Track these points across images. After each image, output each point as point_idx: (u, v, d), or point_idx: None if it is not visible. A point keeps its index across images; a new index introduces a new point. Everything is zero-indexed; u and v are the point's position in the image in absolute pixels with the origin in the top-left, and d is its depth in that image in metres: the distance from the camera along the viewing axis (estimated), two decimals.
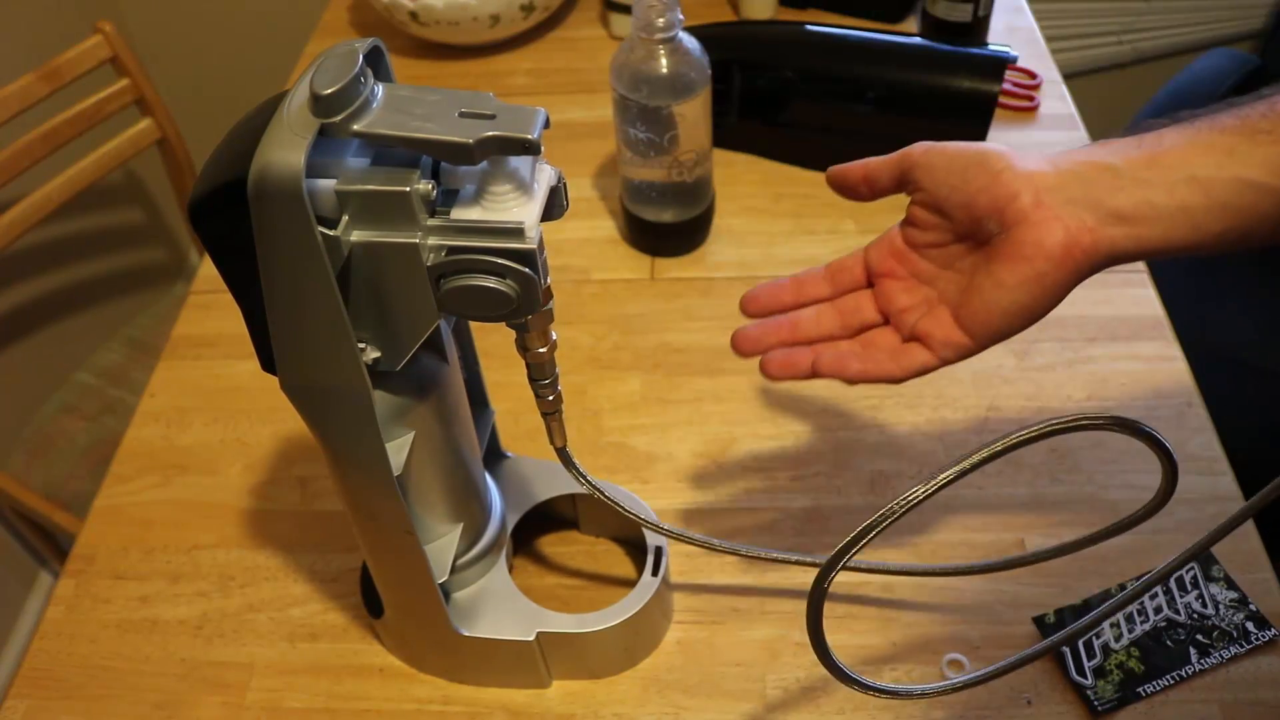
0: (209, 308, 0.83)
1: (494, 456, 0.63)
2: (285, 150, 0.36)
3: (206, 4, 1.73)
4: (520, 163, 0.40)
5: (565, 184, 0.42)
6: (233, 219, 0.38)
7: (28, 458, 1.24)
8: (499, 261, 0.39)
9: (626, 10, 1.01)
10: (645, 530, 0.59)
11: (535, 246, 0.39)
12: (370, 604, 0.58)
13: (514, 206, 0.39)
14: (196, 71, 1.80)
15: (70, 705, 0.60)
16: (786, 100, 0.88)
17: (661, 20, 0.70)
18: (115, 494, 0.70)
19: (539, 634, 0.55)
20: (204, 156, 0.42)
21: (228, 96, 1.81)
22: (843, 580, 0.62)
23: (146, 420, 0.75)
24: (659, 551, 0.58)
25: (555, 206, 0.42)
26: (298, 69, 1.08)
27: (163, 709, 0.59)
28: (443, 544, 0.54)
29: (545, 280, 0.41)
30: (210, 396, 0.76)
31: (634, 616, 0.55)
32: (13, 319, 1.49)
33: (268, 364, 0.44)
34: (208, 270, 0.86)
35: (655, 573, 0.57)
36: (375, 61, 0.40)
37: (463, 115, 0.38)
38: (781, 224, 0.85)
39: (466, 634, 0.55)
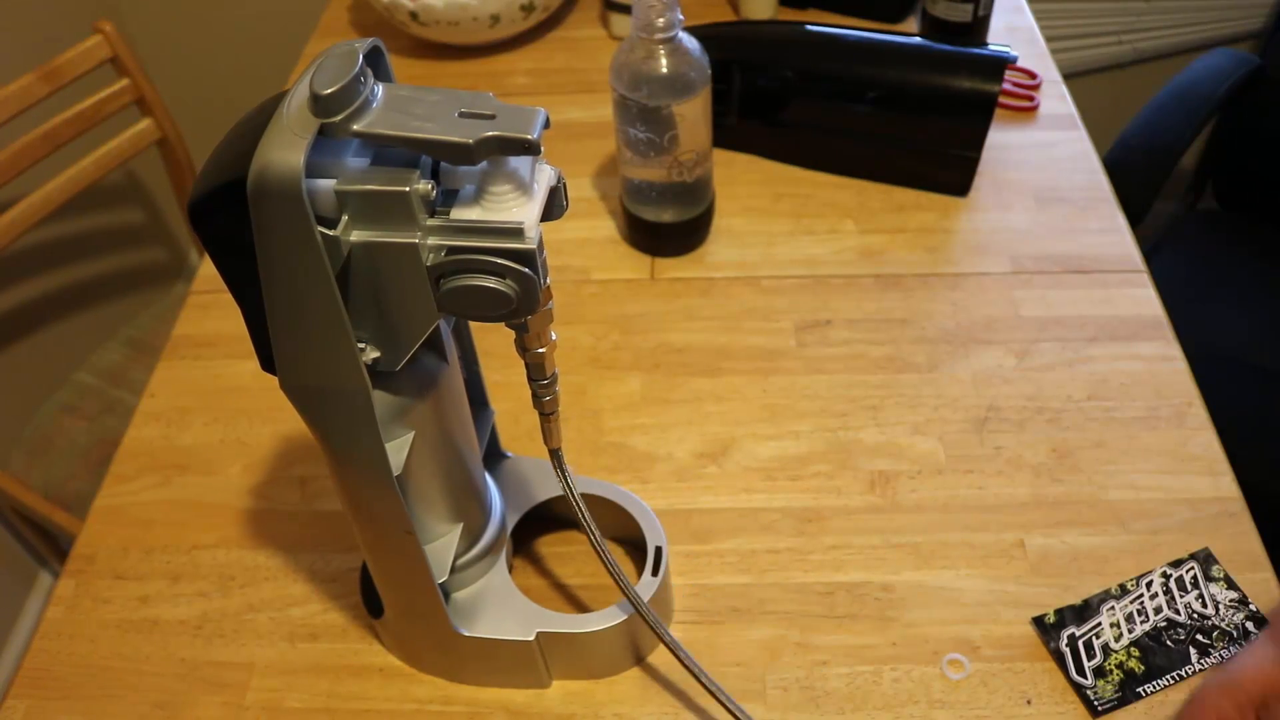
0: (209, 308, 0.83)
1: (494, 456, 0.63)
2: (285, 150, 0.36)
3: (206, 4, 1.73)
4: (520, 163, 0.40)
5: (565, 184, 0.42)
6: (232, 219, 0.38)
7: (28, 458, 1.24)
8: (499, 261, 0.39)
9: (626, 10, 1.01)
10: (645, 531, 0.59)
11: (535, 246, 0.39)
12: (370, 604, 0.58)
13: (514, 206, 0.39)
14: (196, 71, 1.80)
15: (70, 705, 0.60)
16: (786, 100, 0.88)
17: (661, 20, 0.70)
18: (115, 494, 0.70)
19: (539, 634, 0.55)
20: (204, 156, 0.42)
21: (228, 96, 1.82)
22: (843, 581, 0.62)
23: (146, 420, 0.75)
24: (659, 552, 0.58)
25: (555, 206, 0.42)
26: (298, 69, 1.08)
27: (163, 709, 0.59)
28: (443, 544, 0.54)
29: (545, 280, 0.41)
30: (210, 396, 0.76)
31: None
32: (13, 319, 1.49)
33: (267, 364, 0.44)
34: (208, 270, 0.86)
35: (655, 573, 0.57)
36: (375, 61, 0.40)
37: (463, 115, 0.38)
38: (781, 224, 0.86)
39: (466, 634, 0.55)
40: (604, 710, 0.57)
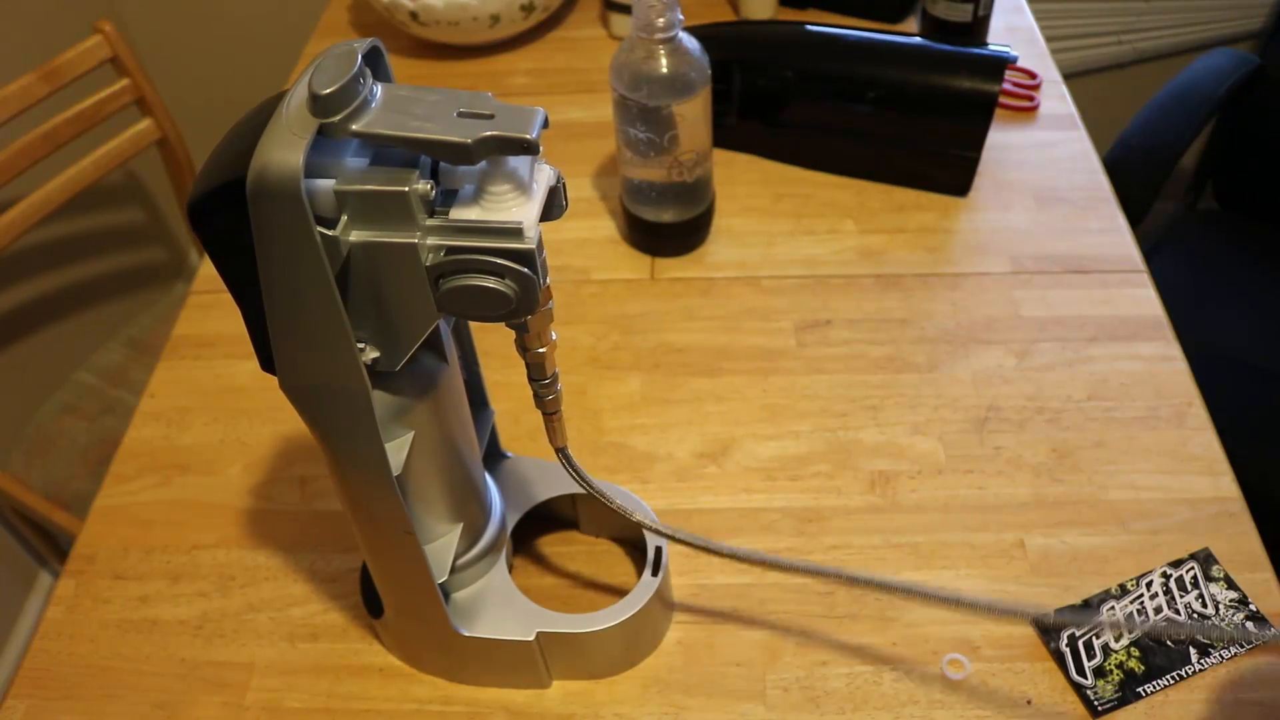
0: (209, 308, 0.83)
1: (494, 456, 0.63)
2: (284, 150, 0.36)
3: (206, 4, 1.73)
4: (519, 162, 0.40)
5: (564, 184, 0.42)
6: (232, 219, 0.38)
7: (28, 458, 1.24)
8: (497, 261, 0.39)
9: (626, 10, 1.01)
10: (645, 530, 0.59)
11: (534, 246, 0.39)
12: (370, 604, 0.58)
13: (513, 206, 0.39)
14: (196, 71, 1.80)
15: (70, 705, 0.60)
16: (786, 100, 0.88)
17: (661, 20, 0.70)
18: (115, 494, 0.70)
19: (539, 634, 0.55)
20: (204, 156, 0.42)
21: (228, 96, 1.82)
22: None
23: (146, 420, 0.75)
24: (659, 552, 0.58)
25: (555, 206, 0.42)
26: (297, 69, 1.08)
27: (163, 709, 0.59)
28: (442, 544, 0.54)
29: (544, 281, 0.41)
30: (210, 396, 0.76)
31: (634, 617, 0.55)
32: (13, 319, 1.49)
33: (267, 363, 0.44)
34: (208, 270, 0.86)
35: (655, 573, 0.57)
36: (375, 61, 0.40)
37: (461, 115, 0.38)
38: (781, 224, 0.86)
39: (466, 634, 0.55)
40: (604, 710, 0.57)
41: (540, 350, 0.46)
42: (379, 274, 0.40)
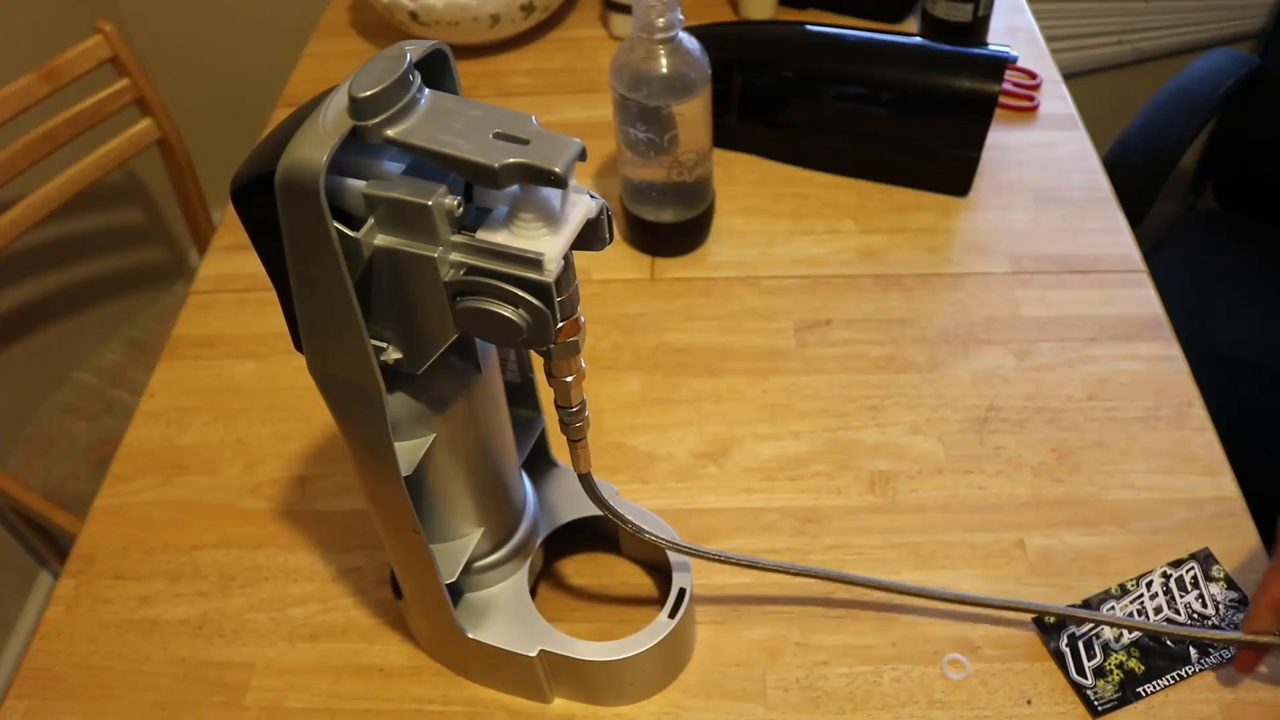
0: (209, 308, 0.83)
1: (541, 464, 0.61)
2: (311, 148, 0.36)
3: (206, 4, 1.73)
4: (552, 191, 0.39)
5: (610, 215, 0.41)
6: (265, 207, 0.38)
7: (28, 458, 1.24)
8: (513, 290, 0.38)
9: (626, 10, 1.01)
10: (674, 570, 0.57)
11: (552, 281, 0.38)
12: (395, 584, 0.57)
13: (543, 236, 0.38)
14: (196, 71, 1.80)
15: (70, 705, 0.60)
16: (786, 100, 0.88)
17: (661, 20, 0.70)
18: (115, 494, 0.70)
19: (541, 651, 0.54)
20: (204, 156, 0.42)
21: (228, 96, 1.82)
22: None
23: (146, 420, 0.75)
24: (681, 594, 0.55)
25: (595, 239, 0.41)
26: (298, 69, 1.08)
27: (163, 709, 0.59)
28: (458, 545, 0.53)
29: (564, 316, 0.40)
30: (210, 396, 0.76)
31: (640, 655, 0.54)
32: (13, 319, 1.49)
33: (297, 344, 0.44)
34: (208, 270, 0.86)
35: (672, 615, 0.55)
36: (438, 66, 0.39)
37: (496, 136, 0.37)
38: (781, 224, 0.86)
39: (471, 636, 0.54)
40: (604, 710, 0.57)
41: (566, 380, 0.45)
42: (401, 281, 0.40)
